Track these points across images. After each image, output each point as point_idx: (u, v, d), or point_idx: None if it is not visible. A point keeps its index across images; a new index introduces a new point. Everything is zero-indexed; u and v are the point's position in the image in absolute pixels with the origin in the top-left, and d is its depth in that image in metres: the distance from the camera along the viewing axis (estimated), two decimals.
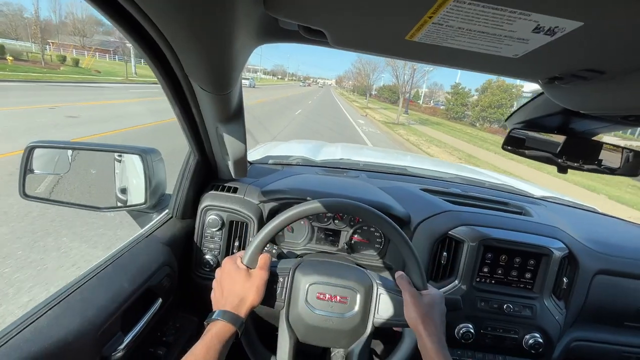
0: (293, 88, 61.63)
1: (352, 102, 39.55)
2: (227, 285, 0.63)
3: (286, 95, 32.99)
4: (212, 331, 0.56)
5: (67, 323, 0.55)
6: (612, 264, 1.00)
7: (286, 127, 11.17)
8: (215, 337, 0.55)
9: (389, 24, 0.39)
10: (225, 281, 0.64)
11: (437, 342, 0.59)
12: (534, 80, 0.53)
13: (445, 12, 0.33)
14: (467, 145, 14.98)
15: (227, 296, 0.62)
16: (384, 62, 33.97)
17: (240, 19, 0.38)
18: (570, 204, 1.48)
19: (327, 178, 1.22)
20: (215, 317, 0.58)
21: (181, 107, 0.68)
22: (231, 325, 0.57)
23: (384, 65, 38.18)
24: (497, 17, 0.33)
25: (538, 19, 0.32)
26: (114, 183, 1.03)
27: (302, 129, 11.50)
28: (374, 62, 39.07)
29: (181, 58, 0.46)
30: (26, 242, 2.48)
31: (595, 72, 0.43)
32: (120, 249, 0.79)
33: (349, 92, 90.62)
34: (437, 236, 0.94)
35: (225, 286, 0.63)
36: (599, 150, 0.76)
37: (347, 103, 37.09)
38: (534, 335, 0.94)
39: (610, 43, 0.36)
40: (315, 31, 0.44)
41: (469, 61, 0.47)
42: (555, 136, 0.79)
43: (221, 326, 0.57)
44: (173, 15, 0.35)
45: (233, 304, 0.60)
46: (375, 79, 40.91)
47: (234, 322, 0.58)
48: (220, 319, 0.58)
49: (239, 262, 0.65)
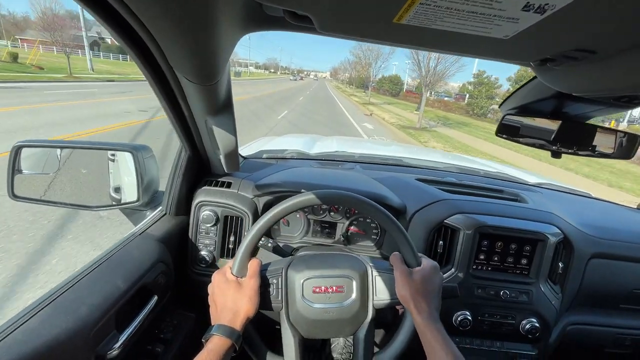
0: (282, 83, 51.38)
1: (350, 97, 34.64)
2: (219, 300, 0.62)
3: (271, 92, 26.03)
4: (208, 347, 0.55)
5: (59, 322, 0.54)
6: (607, 247, 1.00)
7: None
8: (212, 352, 0.54)
9: (376, 6, 0.37)
10: (217, 297, 0.63)
11: (427, 318, 0.59)
12: (526, 63, 0.52)
13: None
14: (538, 163, 9.65)
15: (221, 312, 0.61)
16: (389, 48, 27.37)
17: (223, 6, 0.37)
18: (565, 190, 1.49)
19: (322, 170, 1.21)
20: (211, 332, 0.58)
21: (169, 101, 0.66)
22: (227, 338, 0.57)
23: (389, 52, 32.58)
24: None
25: None
26: (107, 182, 1.01)
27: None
28: (377, 49, 30.64)
29: (164, 48, 0.45)
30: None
31: (586, 52, 0.42)
32: (113, 247, 0.78)
33: (345, 84, 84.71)
34: (433, 225, 0.94)
35: (217, 301, 0.63)
36: (593, 135, 0.76)
37: (344, 98, 32.02)
38: (531, 320, 0.95)
39: (600, 21, 0.35)
40: (302, 17, 0.42)
41: (460, 44, 0.46)
42: (550, 122, 0.79)
43: (217, 341, 0.56)
44: (152, 4, 0.34)
45: (227, 318, 0.60)
46: (381, 69, 33.21)
47: (230, 335, 0.57)
48: (216, 334, 0.57)
49: (228, 274, 0.64)
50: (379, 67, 32.25)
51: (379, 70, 33.62)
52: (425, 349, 0.58)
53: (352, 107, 21.58)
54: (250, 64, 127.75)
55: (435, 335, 0.57)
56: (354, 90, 57.31)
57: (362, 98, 32.14)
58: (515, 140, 0.82)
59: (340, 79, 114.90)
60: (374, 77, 34.27)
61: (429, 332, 0.58)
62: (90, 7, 0.36)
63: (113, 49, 46.65)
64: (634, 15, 0.33)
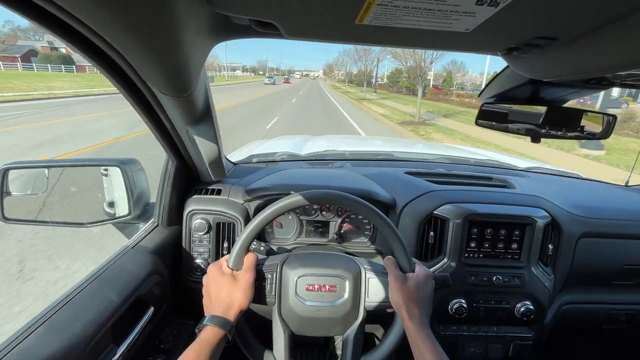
0: (258, 88, 35.85)
1: (360, 103, 22.37)
2: (214, 292, 0.63)
3: (233, 104, 16.64)
4: (201, 337, 0.56)
5: (53, 341, 0.55)
6: (595, 226, 1.02)
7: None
8: (205, 342, 0.55)
9: (337, 10, 0.38)
10: (212, 288, 0.64)
11: (418, 324, 0.60)
12: (493, 52, 0.53)
13: None
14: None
15: (215, 303, 0.62)
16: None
17: (186, 19, 0.38)
18: (554, 172, 1.51)
19: (312, 171, 1.22)
20: (204, 322, 0.59)
21: (147, 114, 0.67)
22: (220, 329, 0.58)
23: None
24: None
25: None
26: (99, 197, 1.02)
27: None
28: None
29: (133, 64, 0.46)
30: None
31: (547, 39, 0.44)
32: (105, 262, 0.78)
33: (342, 83, 70.18)
34: (423, 217, 0.95)
35: (212, 293, 0.64)
36: (579, 117, 0.77)
37: (353, 105, 21.05)
38: (525, 303, 0.96)
39: (554, 9, 0.36)
40: (268, 24, 0.43)
41: (425, 39, 0.47)
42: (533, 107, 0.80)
43: (210, 331, 0.57)
44: (112, 20, 0.34)
45: (221, 310, 0.61)
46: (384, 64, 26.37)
47: (223, 326, 0.58)
48: (209, 324, 0.58)
49: (224, 267, 0.66)
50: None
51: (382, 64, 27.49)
52: (415, 355, 0.59)
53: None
54: (236, 67, 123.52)
55: (425, 342, 0.58)
56: (355, 89, 44.83)
57: (382, 105, 21.60)
58: (495, 127, 0.83)
59: (335, 76, 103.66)
60: (374, 72, 30.26)
61: (419, 338, 0.59)
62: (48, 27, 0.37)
63: (53, 59, 41.01)
64: (585, 2, 0.35)
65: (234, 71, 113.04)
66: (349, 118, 13.87)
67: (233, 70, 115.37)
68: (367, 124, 12.47)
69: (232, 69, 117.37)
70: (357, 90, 42.64)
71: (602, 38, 0.40)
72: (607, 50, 0.42)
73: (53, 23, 0.36)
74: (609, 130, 0.77)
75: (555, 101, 0.78)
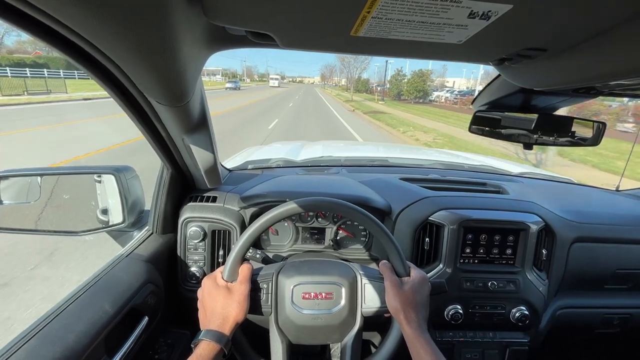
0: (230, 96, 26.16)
1: (400, 131, 11.48)
2: (209, 305, 0.63)
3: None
4: (196, 352, 0.56)
5: (45, 353, 0.54)
6: (587, 231, 1.04)
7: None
8: (201, 358, 0.54)
9: (332, 23, 0.39)
10: (207, 301, 0.63)
11: (416, 328, 0.60)
12: (485, 62, 0.54)
13: (381, 6, 0.34)
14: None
15: (210, 317, 0.61)
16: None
17: (181, 30, 0.38)
18: (547, 178, 1.53)
19: (307, 177, 1.22)
20: (200, 337, 0.58)
21: (143, 122, 0.67)
22: (215, 343, 0.57)
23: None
24: (431, 7, 0.34)
25: (470, 5, 0.34)
26: (92, 205, 1.01)
27: None
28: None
29: (129, 74, 0.46)
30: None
31: (537, 50, 0.45)
32: (98, 271, 0.77)
33: (343, 89, 60.76)
34: (418, 223, 0.96)
35: (207, 307, 0.63)
36: (570, 124, 0.79)
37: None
38: (520, 308, 0.97)
39: (542, 22, 0.37)
40: (264, 35, 0.44)
41: (419, 50, 0.48)
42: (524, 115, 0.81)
43: (205, 346, 0.56)
44: (108, 32, 0.35)
45: (216, 323, 0.60)
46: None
47: (219, 340, 0.58)
48: (205, 339, 0.57)
49: (219, 279, 0.65)
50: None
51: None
52: (414, 359, 0.59)
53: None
54: (215, 72, 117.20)
55: (424, 346, 0.58)
56: (362, 97, 37.47)
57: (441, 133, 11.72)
58: (487, 134, 0.84)
59: (334, 84, 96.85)
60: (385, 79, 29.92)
61: (418, 343, 0.59)
62: (44, 38, 0.37)
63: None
64: (571, 16, 0.36)
65: (214, 76, 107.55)
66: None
67: (213, 75, 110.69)
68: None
69: (211, 73, 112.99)
70: (362, 97, 37.25)
71: (588, 50, 0.41)
72: (593, 62, 0.44)
73: (49, 34, 0.37)
74: (599, 136, 0.79)
75: (546, 109, 0.80)
